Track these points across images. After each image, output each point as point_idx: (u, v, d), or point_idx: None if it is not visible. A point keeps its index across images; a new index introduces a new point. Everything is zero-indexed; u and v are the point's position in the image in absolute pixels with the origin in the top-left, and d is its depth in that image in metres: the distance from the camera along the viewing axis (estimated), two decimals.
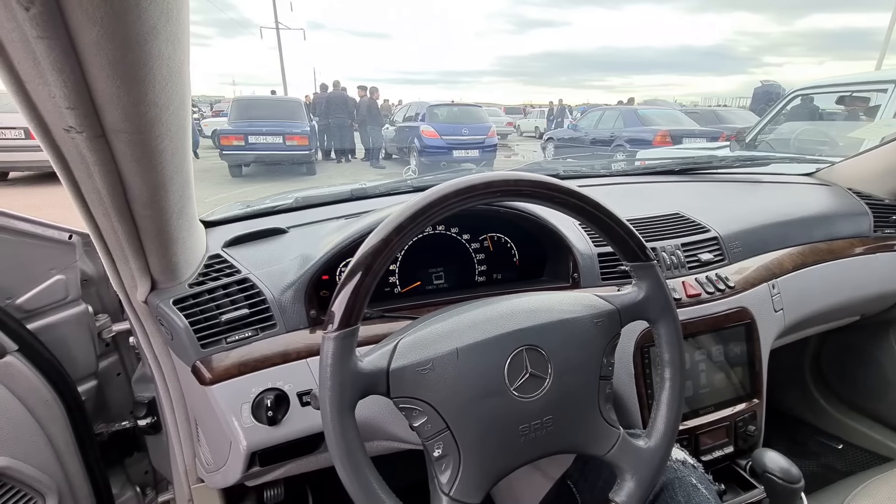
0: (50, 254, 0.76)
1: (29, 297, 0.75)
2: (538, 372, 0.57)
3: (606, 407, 0.61)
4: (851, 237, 1.20)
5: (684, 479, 0.68)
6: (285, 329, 0.74)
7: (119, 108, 0.37)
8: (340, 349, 0.50)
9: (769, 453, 0.81)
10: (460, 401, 0.54)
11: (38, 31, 0.30)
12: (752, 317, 0.97)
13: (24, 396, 0.71)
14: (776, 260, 1.07)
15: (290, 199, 1.07)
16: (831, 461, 1.46)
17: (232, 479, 0.76)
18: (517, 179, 0.57)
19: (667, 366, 0.64)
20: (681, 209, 1.10)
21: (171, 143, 0.45)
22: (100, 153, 0.42)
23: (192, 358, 0.69)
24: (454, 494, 0.54)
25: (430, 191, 0.54)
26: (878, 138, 1.82)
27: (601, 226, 0.61)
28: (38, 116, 0.37)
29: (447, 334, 0.56)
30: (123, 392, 0.95)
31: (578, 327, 0.60)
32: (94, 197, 0.49)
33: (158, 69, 0.36)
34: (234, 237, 0.85)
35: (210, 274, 0.76)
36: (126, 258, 0.62)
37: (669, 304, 0.63)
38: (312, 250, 0.80)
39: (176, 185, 0.53)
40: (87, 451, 0.81)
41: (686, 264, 0.97)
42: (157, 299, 0.70)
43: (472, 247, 0.95)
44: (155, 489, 1.03)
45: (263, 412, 0.68)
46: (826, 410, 1.55)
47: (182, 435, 0.85)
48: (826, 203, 1.26)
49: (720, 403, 0.94)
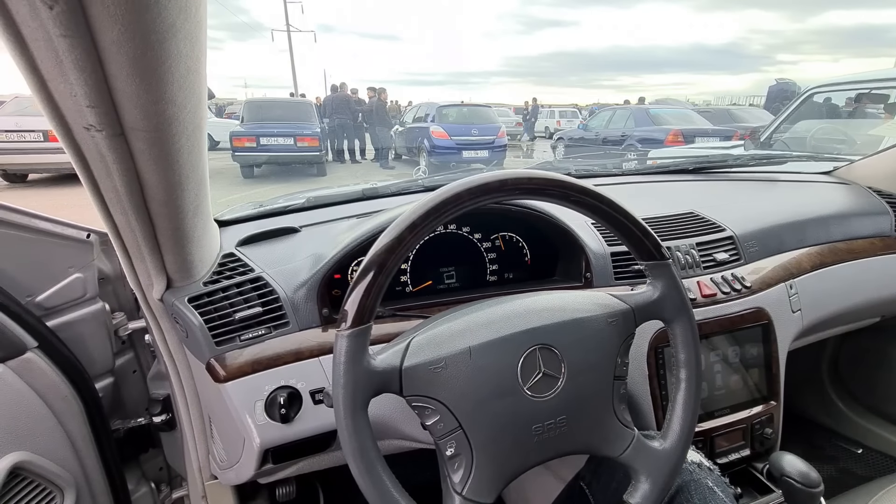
0: (69, 252, 0.78)
1: (48, 295, 0.76)
2: (551, 371, 0.56)
3: (621, 407, 0.60)
4: (872, 237, 1.18)
5: (700, 481, 0.67)
6: (298, 327, 0.75)
7: (138, 106, 0.37)
8: (354, 347, 0.50)
9: (787, 456, 0.79)
10: (473, 400, 0.54)
11: (62, 29, 0.30)
12: (769, 317, 0.95)
13: (44, 392, 0.72)
14: (794, 260, 1.05)
15: (302, 198, 1.07)
16: (849, 465, 1.42)
17: (245, 476, 0.77)
18: (530, 177, 0.56)
19: (682, 366, 0.63)
20: (695, 208, 1.08)
21: (188, 142, 0.46)
22: (118, 152, 0.42)
23: (206, 355, 0.70)
24: (467, 494, 0.54)
25: (443, 189, 0.54)
26: None
27: (616, 224, 0.60)
28: (59, 115, 0.38)
29: (460, 333, 0.56)
30: (139, 389, 0.96)
31: (592, 327, 0.59)
32: (112, 195, 0.50)
33: (176, 67, 0.36)
34: (248, 236, 0.86)
35: (224, 272, 0.77)
36: (143, 256, 0.63)
37: (685, 304, 0.62)
38: (325, 249, 0.80)
39: (192, 183, 0.54)
40: (104, 447, 0.83)
41: (701, 264, 0.95)
42: (172, 297, 0.70)
43: (484, 246, 0.95)
44: (169, 485, 1.05)
45: (276, 410, 0.68)
46: (844, 414, 1.51)
47: (196, 432, 0.86)
48: (845, 202, 1.23)
49: (736, 405, 0.93)
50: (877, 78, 3.42)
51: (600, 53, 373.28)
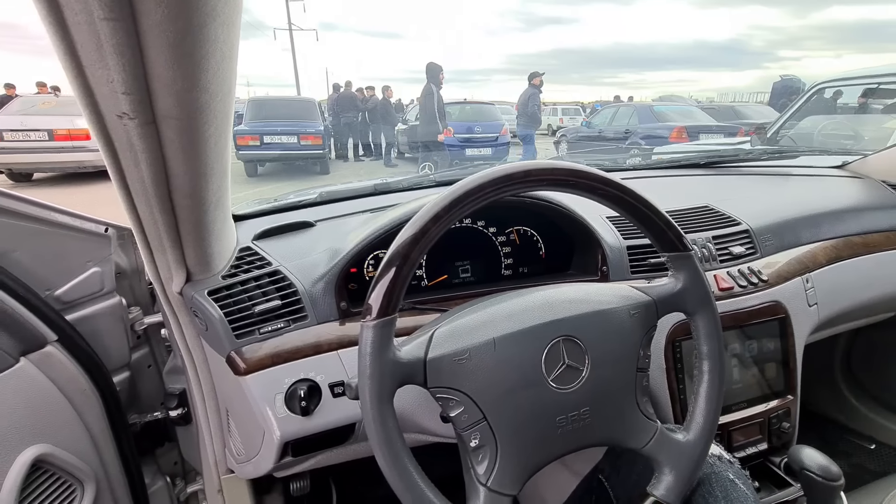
0: (86, 246, 0.78)
1: (67, 289, 0.77)
2: (575, 363, 0.56)
3: (643, 400, 0.60)
4: (888, 230, 1.17)
5: (721, 474, 0.67)
6: (316, 321, 0.75)
7: (172, 93, 0.37)
8: (380, 338, 0.50)
9: (806, 450, 0.79)
10: (497, 391, 0.54)
11: (105, 12, 0.30)
12: (786, 311, 0.94)
13: (64, 386, 0.72)
14: (809, 253, 1.04)
15: (315, 193, 1.08)
16: (863, 461, 1.42)
17: (263, 469, 0.77)
18: (554, 168, 0.56)
19: (705, 358, 0.63)
20: (709, 202, 1.08)
21: (216, 132, 0.45)
22: (148, 140, 0.42)
23: (226, 348, 0.70)
24: (492, 485, 0.54)
25: (466, 180, 0.53)
26: None
27: (638, 215, 0.60)
28: (93, 102, 0.38)
29: (483, 324, 0.56)
30: (154, 384, 0.96)
31: (615, 318, 0.59)
32: (138, 186, 0.50)
33: (213, 53, 0.36)
34: (264, 230, 0.86)
35: (242, 266, 0.77)
36: (164, 249, 0.63)
37: (708, 296, 0.62)
38: (341, 244, 0.80)
39: (216, 174, 0.54)
40: (122, 440, 0.83)
41: (717, 257, 0.95)
42: (192, 290, 0.70)
43: (499, 240, 0.94)
44: (184, 479, 1.05)
45: (297, 402, 0.68)
46: (857, 409, 1.50)
47: (212, 426, 0.86)
48: (860, 196, 1.22)
49: (753, 399, 0.92)
50: (885, 73, 3.40)
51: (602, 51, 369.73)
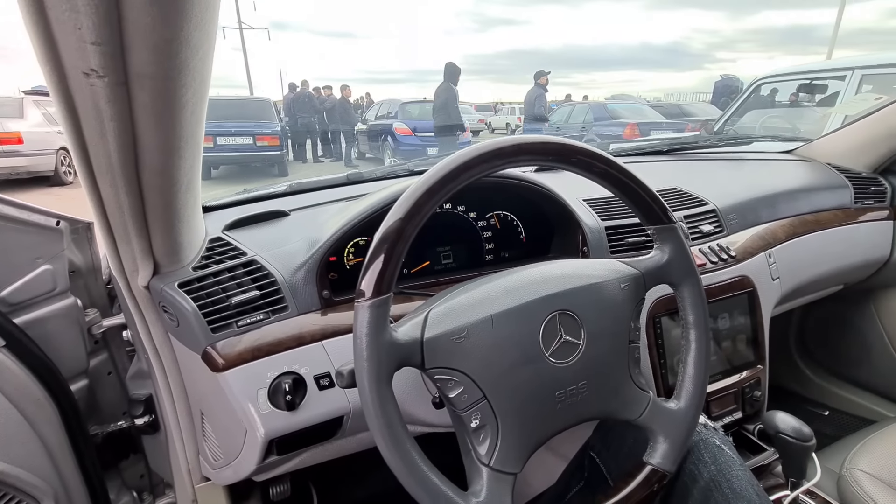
0: (36, 241, 0.70)
1: (14, 289, 0.69)
2: (571, 337, 0.56)
3: (636, 371, 0.61)
4: (835, 209, 1.25)
5: (708, 440, 0.69)
6: (297, 311, 0.71)
7: (150, 45, 0.33)
8: (376, 318, 0.48)
9: (780, 414, 0.82)
10: (497, 369, 0.53)
11: None
12: (753, 285, 0.99)
13: (14, 396, 0.65)
14: (770, 230, 1.10)
15: (285, 185, 1.03)
16: (819, 427, 1.51)
17: (245, 471, 0.72)
18: (545, 142, 0.56)
19: (692, 328, 0.64)
20: (677, 185, 1.12)
21: (194, 96, 0.42)
22: (118, 105, 0.38)
23: (202, 344, 0.65)
24: (494, 464, 0.53)
25: (458, 153, 0.52)
26: (840, 121, 1.91)
27: (625, 190, 0.61)
28: (56, 56, 0.33)
29: (480, 302, 0.55)
30: (115, 392, 0.89)
31: (607, 291, 0.59)
32: (103, 162, 0.45)
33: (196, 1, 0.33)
34: (235, 220, 0.81)
35: (213, 257, 0.72)
36: (129, 238, 0.58)
37: (693, 267, 0.64)
38: (319, 232, 0.77)
39: (189, 151, 0.50)
40: (83, 454, 0.76)
41: (689, 236, 0.98)
42: (160, 283, 0.65)
43: (479, 225, 0.94)
44: (152, 493, 0.98)
45: (281, 397, 0.64)
46: (811, 379, 1.61)
47: (184, 431, 0.81)
48: (809, 177, 1.30)
49: (727, 371, 0.96)
50: (817, 69, 3.68)
51: (554, 52, 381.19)
